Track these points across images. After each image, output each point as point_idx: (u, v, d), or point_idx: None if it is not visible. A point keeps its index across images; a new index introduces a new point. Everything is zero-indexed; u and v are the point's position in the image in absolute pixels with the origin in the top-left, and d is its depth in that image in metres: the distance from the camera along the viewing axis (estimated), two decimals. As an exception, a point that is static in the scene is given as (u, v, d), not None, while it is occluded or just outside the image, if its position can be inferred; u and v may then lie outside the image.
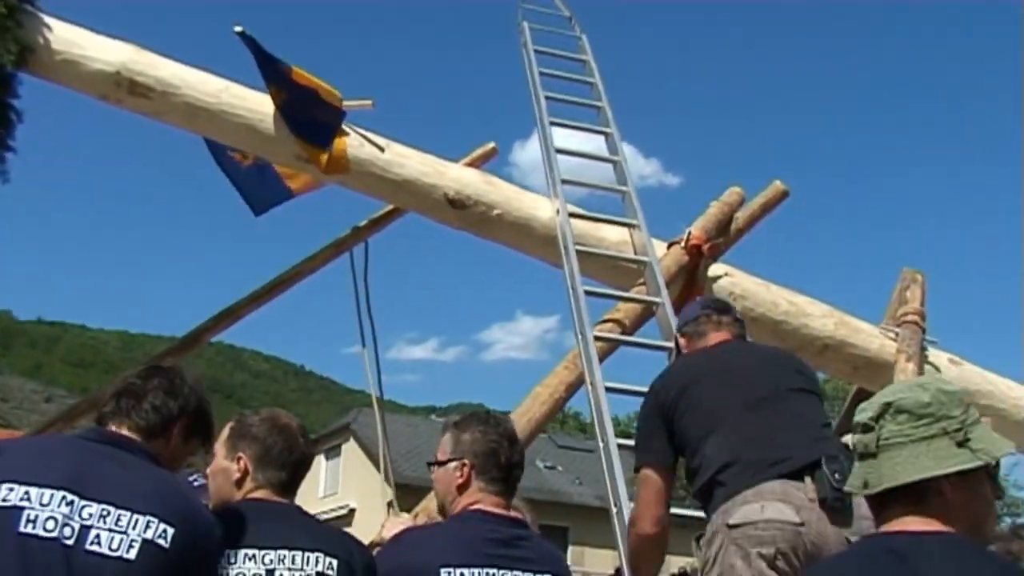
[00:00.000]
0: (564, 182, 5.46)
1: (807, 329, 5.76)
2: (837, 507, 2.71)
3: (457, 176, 5.56)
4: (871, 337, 5.87)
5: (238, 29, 5.19)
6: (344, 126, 5.43)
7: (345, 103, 5.46)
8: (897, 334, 5.78)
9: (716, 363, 3.23)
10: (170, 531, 2.17)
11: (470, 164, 5.82)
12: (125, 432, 2.37)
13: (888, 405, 1.82)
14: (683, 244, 5.45)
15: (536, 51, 6.41)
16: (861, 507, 2.49)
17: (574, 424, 45.21)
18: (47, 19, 5.27)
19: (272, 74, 5.28)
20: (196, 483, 3.36)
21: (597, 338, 4.56)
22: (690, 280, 5.42)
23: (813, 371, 3.41)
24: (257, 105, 5.40)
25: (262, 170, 5.97)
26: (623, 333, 4.95)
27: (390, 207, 6.05)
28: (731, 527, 2.79)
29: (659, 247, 5.36)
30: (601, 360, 4.56)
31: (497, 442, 2.74)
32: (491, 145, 5.91)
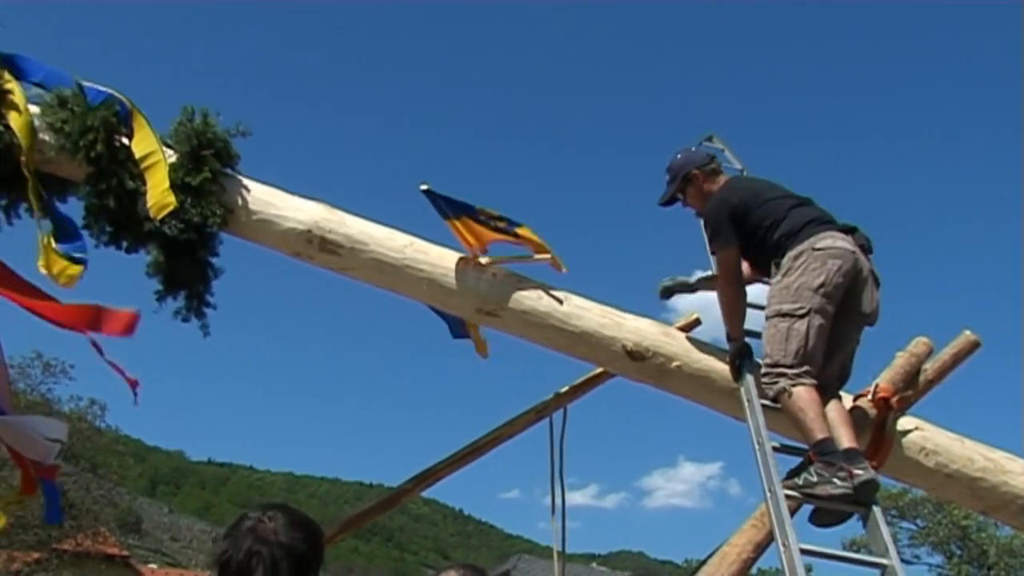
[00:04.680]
0: (747, 333, 5.36)
1: (1007, 487, 5.40)
2: (865, 247, 4.90)
3: (635, 327, 5.49)
4: (1077, 496, 5.47)
5: (424, 187, 5.35)
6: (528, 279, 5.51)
7: (536, 257, 5.54)
8: (1107, 493, 5.39)
9: (754, 184, 5.24)
10: None
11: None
12: None
13: None
14: (870, 397, 5.26)
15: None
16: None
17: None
18: (245, 181, 5.52)
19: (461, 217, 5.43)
20: None
21: (788, 496, 4.39)
22: (878, 434, 5.19)
23: None
24: (439, 259, 5.50)
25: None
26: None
27: (595, 372, 6.09)
28: (816, 249, 4.72)
29: (846, 400, 5.17)
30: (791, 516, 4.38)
31: None
32: (695, 316, 5.90)
